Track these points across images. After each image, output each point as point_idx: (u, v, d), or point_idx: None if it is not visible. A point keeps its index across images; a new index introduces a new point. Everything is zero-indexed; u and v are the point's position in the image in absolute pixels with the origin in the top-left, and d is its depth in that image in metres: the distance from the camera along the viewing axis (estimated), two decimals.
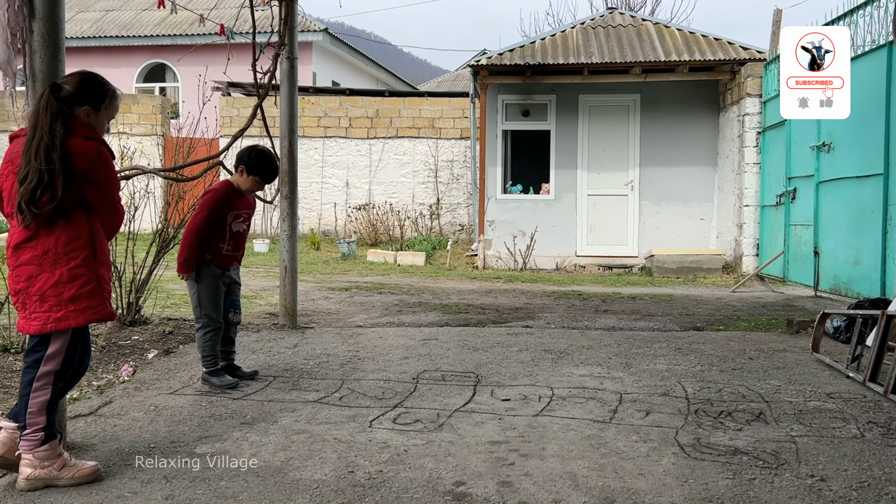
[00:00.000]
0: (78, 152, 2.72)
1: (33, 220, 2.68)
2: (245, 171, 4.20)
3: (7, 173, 2.79)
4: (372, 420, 3.55)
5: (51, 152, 2.65)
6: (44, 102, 2.71)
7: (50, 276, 2.72)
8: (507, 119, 12.51)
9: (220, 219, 4.15)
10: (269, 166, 4.28)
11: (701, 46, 11.64)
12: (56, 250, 2.73)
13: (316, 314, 6.87)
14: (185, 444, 3.20)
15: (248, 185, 4.24)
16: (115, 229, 2.99)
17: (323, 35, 19.60)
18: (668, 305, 7.83)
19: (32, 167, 2.64)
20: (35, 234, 2.72)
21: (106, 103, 2.89)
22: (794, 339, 5.70)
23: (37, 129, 2.68)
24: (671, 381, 4.36)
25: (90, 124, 2.83)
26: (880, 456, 3.06)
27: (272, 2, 5.99)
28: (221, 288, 4.20)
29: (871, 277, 7.24)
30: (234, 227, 4.21)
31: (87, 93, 2.82)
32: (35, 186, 2.63)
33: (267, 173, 4.26)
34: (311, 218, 15.62)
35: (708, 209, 12.11)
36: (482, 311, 7.25)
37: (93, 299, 2.79)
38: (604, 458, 3.06)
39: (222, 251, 4.18)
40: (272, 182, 4.39)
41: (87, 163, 2.74)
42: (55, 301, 2.73)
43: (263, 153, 4.27)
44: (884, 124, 6.97)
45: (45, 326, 2.73)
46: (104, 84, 2.90)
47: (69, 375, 2.85)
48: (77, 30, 20.26)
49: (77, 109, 2.78)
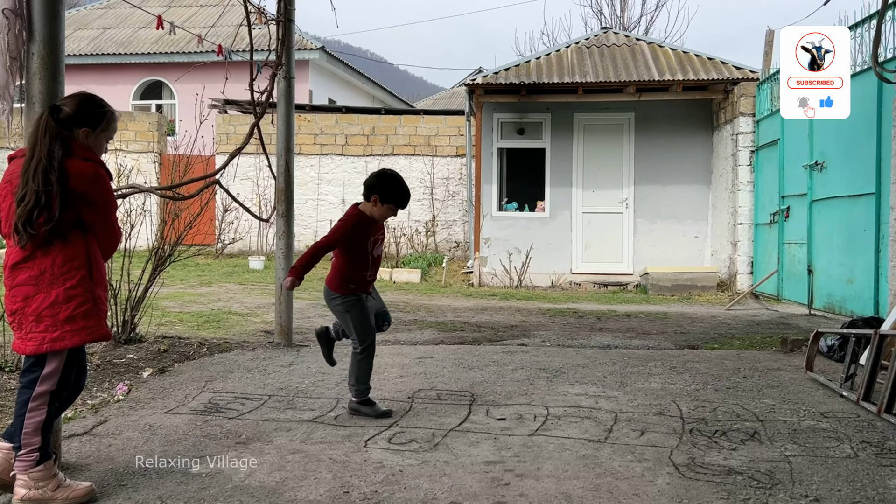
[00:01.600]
0: (76, 174, 2.73)
1: (29, 241, 2.69)
2: (379, 201, 4.03)
3: (5, 193, 2.80)
4: (367, 440, 3.54)
5: (49, 174, 2.66)
6: (43, 124, 2.73)
7: (46, 297, 2.73)
8: (503, 137, 12.58)
9: (360, 246, 4.04)
10: (403, 193, 4.10)
11: (694, 66, 11.75)
12: (52, 271, 2.73)
13: (311, 332, 6.86)
14: (181, 464, 3.19)
15: (382, 213, 4.09)
16: (112, 249, 2.99)
17: (319, 53, 19.73)
18: (663, 323, 7.85)
19: (30, 188, 2.66)
20: (32, 255, 2.73)
21: (104, 125, 2.90)
22: (788, 358, 5.72)
23: (35, 151, 2.70)
24: (666, 399, 4.37)
25: (89, 146, 2.85)
26: (874, 476, 3.07)
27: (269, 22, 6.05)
28: (369, 311, 4.13)
29: (864, 296, 7.28)
30: (374, 253, 4.12)
31: (85, 114, 2.84)
32: (32, 207, 2.65)
33: (401, 200, 4.09)
34: (306, 235, 15.63)
35: (702, 227, 12.17)
36: (478, 329, 7.25)
37: (89, 319, 2.79)
38: (599, 478, 3.06)
39: (366, 279, 4.10)
40: (406, 207, 4.20)
41: (85, 184, 2.75)
42: (51, 321, 2.73)
43: (394, 180, 4.09)
44: (875, 144, 7.04)
45: (41, 347, 2.73)
46: (103, 106, 2.92)
47: (65, 395, 2.86)
48: (75, 47, 20.35)
49: (76, 131, 2.80)
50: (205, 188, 5.61)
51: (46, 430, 2.77)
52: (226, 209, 14.57)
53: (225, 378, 4.83)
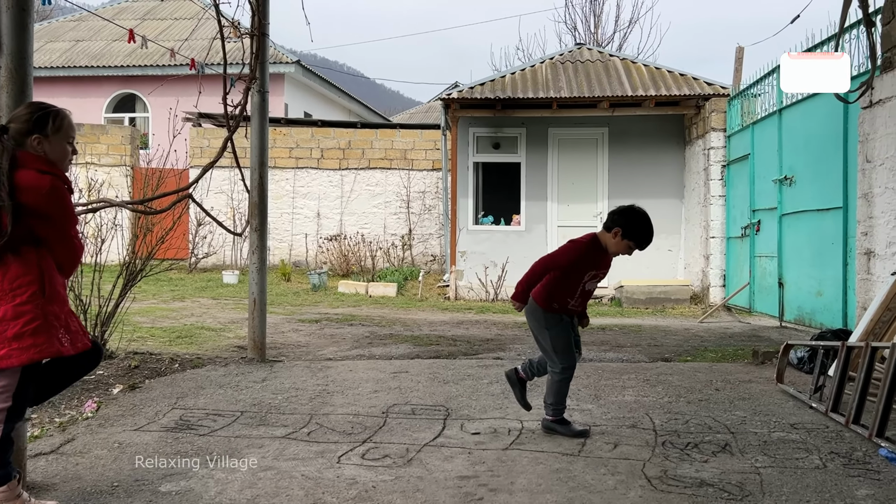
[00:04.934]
0: (26, 187, 2.65)
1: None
2: (621, 234, 3.83)
3: None
4: (340, 456, 3.52)
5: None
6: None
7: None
8: (478, 151, 12.65)
9: (577, 275, 3.88)
10: (648, 234, 3.88)
11: (667, 81, 11.93)
12: (2, 286, 2.66)
13: (285, 347, 6.82)
14: (150, 483, 3.14)
15: (618, 249, 3.88)
16: (71, 264, 2.86)
17: (295, 67, 19.71)
18: (637, 336, 7.90)
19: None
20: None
21: (54, 126, 2.78)
22: (759, 370, 5.79)
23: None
24: (639, 412, 4.40)
25: (43, 155, 2.75)
26: (841, 486, 3.11)
27: (243, 36, 6.04)
28: (571, 334, 3.98)
29: (833, 308, 7.40)
30: (587, 287, 3.94)
31: (29, 121, 2.75)
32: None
33: (645, 241, 3.88)
34: (281, 249, 15.56)
35: (675, 241, 12.31)
36: (453, 343, 7.25)
37: (37, 337, 2.68)
38: (572, 491, 3.07)
39: (568, 305, 3.94)
40: (644, 249, 3.97)
41: (37, 197, 2.66)
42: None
43: (645, 219, 3.87)
44: (842, 159, 7.18)
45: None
46: (44, 108, 2.81)
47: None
48: (46, 59, 20.14)
49: (27, 141, 2.72)
50: (177, 202, 5.56)
51: (5, 448, 2.71)
52: (199, 223, 14.46)
53: (196, 394, 4.77)
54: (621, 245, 3.86)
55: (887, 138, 5.72)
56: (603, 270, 3.96)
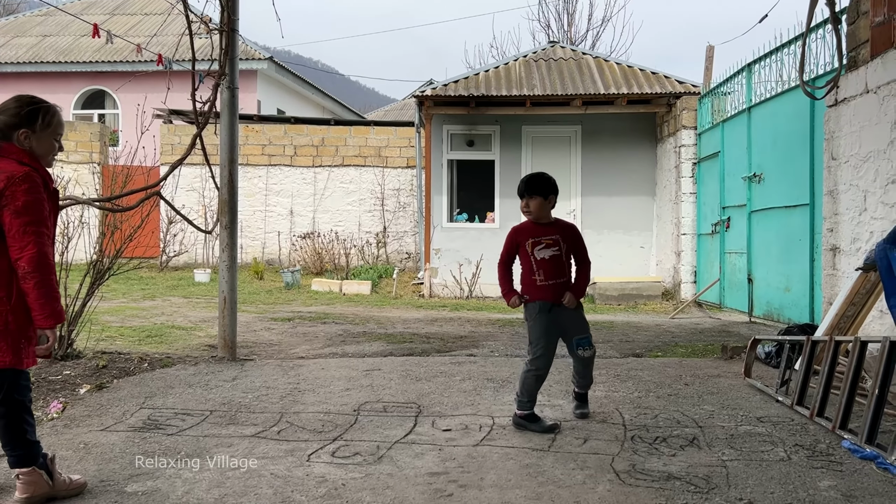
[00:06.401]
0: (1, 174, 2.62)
1: None
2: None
3: None
4: (310, 454, 3.50)
5: None
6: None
7: None
8: (453, 149, 12.65)
9: (522, 250, 4.05)
10: (520, 183, 4.19)
11: (639, 80, 12.03)
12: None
13: (257, 346, 6.77)
14: (116, 483, 3.10)
15: (524, 212, 4.15)
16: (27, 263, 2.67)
17: (268, 63, 19.55)
18: (609, 332, 7.96)
19: None
20: None
21: (41, 122, 2.77)
22: (728, 365, 5.86)
23: None
24: (609, 407, 4.43)
25: (28, 149, 2.73)
26: (805, 478, 3.17)
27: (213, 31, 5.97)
28: (547, 326, 3.99)
29: (800, 304, 7.52)
30: (538, 256, 4.01)
31: (18, 115, 2.74)
32: None
33: (518, 189, 4.19)
34: (254, 247, 15.44)
35: (647, 237, 12.43)
36: (427, 341, 7.25)
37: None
38: (541, 486, 3.08)
39: (537, 283, 4.00)
40: (522, 197, 4.14)
41: (8, 183, 2.62)
42: None
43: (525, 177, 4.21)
44: (808, 157, 7.30)
45: None
46: (36, 102, 2.80)
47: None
48: (12, 55, 19.76)
49: (14, 134, 2.71)
50: (145, 199, 5.49)
51: None
52: (170, 221, 14.29)
53: (165, 394, 4.72)
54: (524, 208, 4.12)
55: (852, 136, 5.82)
56: (544, 237, 4.04)
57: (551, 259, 4.02)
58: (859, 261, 5.45)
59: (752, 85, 8.88)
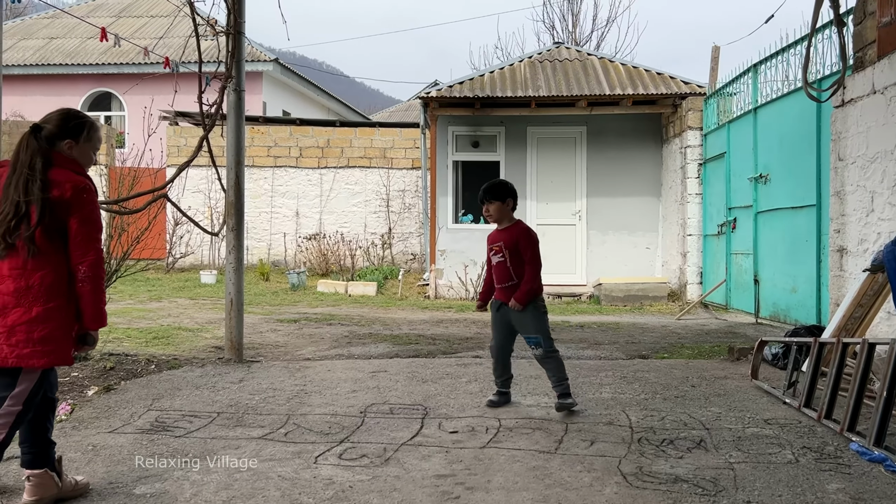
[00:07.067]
0: (58, 182, 2.78)
1: (9, 250, 2.74)
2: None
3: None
4: (317, 456, 3.51)
5: (29, 184, 2.73)
6: (24, 142, 2.81)
7: (26, 312, 2.74)
8: (458, 150, 12.66)
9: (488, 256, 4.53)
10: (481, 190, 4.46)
11: (644, 80, 12.01)
12: (39, 288, 2.75)
13: (263, 347, 6.78)
14: (124, 485, 3.11)
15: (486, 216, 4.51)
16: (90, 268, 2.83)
17: (273, 65, 19.60)
18: (615, 334, 7.96)
19: (11, 199, 2.73)
20: (22, 268, 2.75)
21: (85, 135, 2.95)
22: (734, 366, 5.85)
23: (17, 166, 2.78)
24: (616, 409, 4.43)
25: (74, 158, 2.91)
26: (813, 480, 3.16)
27: (219, 34, 5.99)
28: (496, 320, 4.52)
29: (807, 305, 7.50)
30: (493, 262, 4.47)
31: (65, 128, 2.90)
32: (12, 217, 2.71)
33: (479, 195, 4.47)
34: (260, 248, 15.46)
35: (653, 238, 12.41)
36: (433, 342, 7.25)
37: (60, 343, 2.79)
38: (548, 489, 3.08)
39: (493, 284, 4.52)
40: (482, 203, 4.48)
41: (69, 191, 2.78)
42: (24, 337, 2.73)
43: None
44: (815, 157, 7.27)
45: (6, 361, 2.73)
46: (81, 117, 2.99)
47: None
48: (19, 57, 19.85)
49: (59, 144, 2.88)
50: (152, 202, 5.51)
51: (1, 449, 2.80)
52: (177, 223, 14.33)
53: (173, 395, 4.73)
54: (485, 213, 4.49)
55: (859, 137, 5.80)
56: (494, 244, 4.47)
57: (498, 265, 4.44)
58: (867, 262, 5.43)
59: (759, 85, 8.86)
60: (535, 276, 4.37)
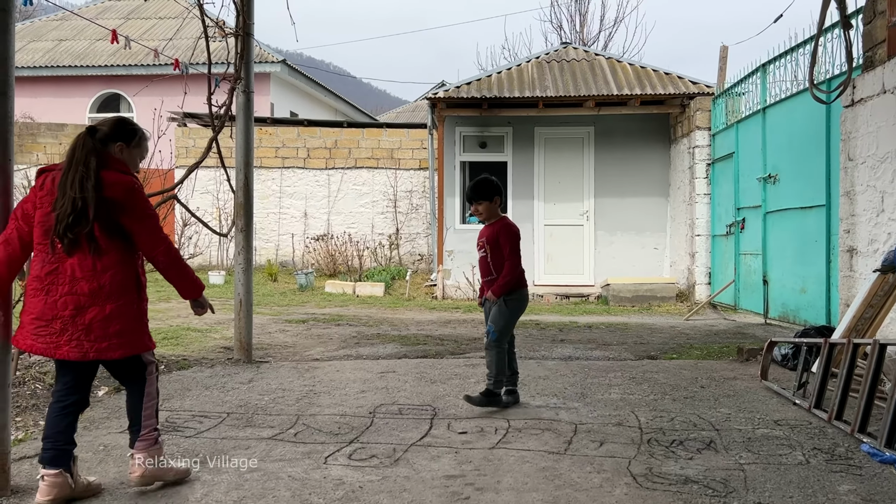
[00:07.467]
0: (110, 183, 2.92)
1: (73, 246, 2.87)
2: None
3: (39, 204, 2.95)
4: (327, 456, 3.52)
5: (85, 182, 2.86)
6: (80, 141, 2.96)
7: (101, 311, 2.91)
8: (465, 150, 12.66)
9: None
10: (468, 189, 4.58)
11: (652, 80, 11.98)
12: (110, 287, 2.92)
13: (272, 348, 6.80)
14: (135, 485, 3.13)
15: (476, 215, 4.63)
16: (165, 256, 3.06)
17: (281, 66, 19.63)
18: (624, 334, 7.94)
19: (68, 196, 2.85)
20: (92, 269, 2.90)
21: (136, 141, 3.14)
22: (744, 367, 5.83)
23: (72, 163, 2.90)
24: (625, 410, 4.42)
25: (123, 160, 3.07)
26: (824, 482, 3.15)
27: (228, 36, 6.01)
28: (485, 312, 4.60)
29: (816, 305, 7.47)
30: (479, 256, 4.60)
31: (119, 132, 3.08)
32: (70, 213, 2.84)
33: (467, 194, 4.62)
34: (268, 249, 15.50)
35: (661, 238, 12.37)
36: (441, 343, 7.26)
37: (133, 335, 3.00)
38: (558, 489, 3.08)
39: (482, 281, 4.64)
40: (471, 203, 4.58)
41: (120, 192, 2.93)
42: (101, 333, 2.91)
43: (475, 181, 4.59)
44: (825, 158, 7.25)
45: (87, 355, 2.91)
46: (134, 125, 3.18)
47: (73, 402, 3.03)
48: (28, 59, 19.94)
49: (111, 146, 3.04)
50: (162, 203, 5.53)
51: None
52: (185, 223, 14.38)
53: (182, 396, 4.75)
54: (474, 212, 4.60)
55: (868, 137, 5.78)
56: (479, 240, 4.58)
57: (480, 260, 4.60)
58: (877, 262, 5.41)
59: (767, 85, 8.83)
60: (513, 269, 4.43)
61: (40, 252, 2.92)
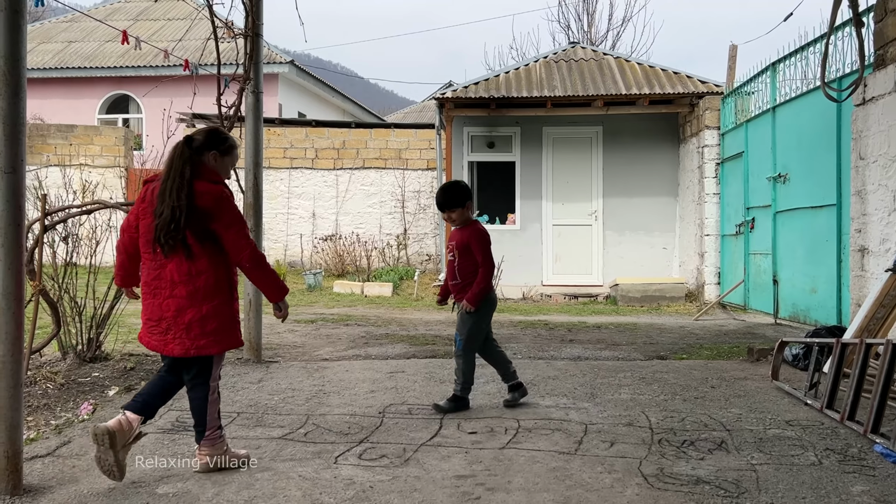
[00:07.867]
0: (201, 192, 3.15)
1: (170, 252, 3.12)
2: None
3: (143, 213, 3.22)
4: (337, 456, 3.52)
5: (181, 191, 3.10)
6: (178, 151, 3.20)
7: (198, 311, 3.16)
8: (473, 150, 12.66)
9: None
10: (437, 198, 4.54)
11: (660, 80, 11.95)
12: (205, 290, 3.17)
13: (281, 348, 6.81)
14: (147, 484, 3.14)
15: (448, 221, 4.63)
16: (251, 262, 3.26)
17: (289, 67, 19.68)
18: (633, 334, 7.92)
19: (167, 204, 3.10)
20: (188, 273, 3.14)
21: (228, 149, 3.36)
22: (754, 367, 5.81)
23: (171, 172, 3.15)
24: (635, 410, 4.41)
25: (215, 168, 3.29)
26: (837, 483, 3.13)
27: (237, 36, 6.03)
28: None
29: (827, 305, 7.43)
30: (448, 259, 4.57)
31: (212, 141, 3.30)
32: (168, 220, 3.09)
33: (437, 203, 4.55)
34: (276, 249, 15.53)
35: (670, 238, 12.34)
36: (449, 343, 7.25)
37: (228, 332, 3.25)
38: (569, 490, 3.08)
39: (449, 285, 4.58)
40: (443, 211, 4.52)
41: (210, 201, 3.15)
42: (199, 331, 3.16)
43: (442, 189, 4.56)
44: (835, 157, 7.20)
45: (189, 352, 3.18)
46: (227, 135, 3.40)
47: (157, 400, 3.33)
48: (38, 61, 20.06)
49: (206, 154, 3.26)
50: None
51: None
52: None
53: None
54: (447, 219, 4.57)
55: (880, 135, 5.74)
56: (451, 243, 4.55)
57: (448, 263, 4.58)
58: (889, 262, 5.38)
59: (777, 84, 8.79)
60: (486, 277, 4.42)
61: (146, 260, 3.22)
